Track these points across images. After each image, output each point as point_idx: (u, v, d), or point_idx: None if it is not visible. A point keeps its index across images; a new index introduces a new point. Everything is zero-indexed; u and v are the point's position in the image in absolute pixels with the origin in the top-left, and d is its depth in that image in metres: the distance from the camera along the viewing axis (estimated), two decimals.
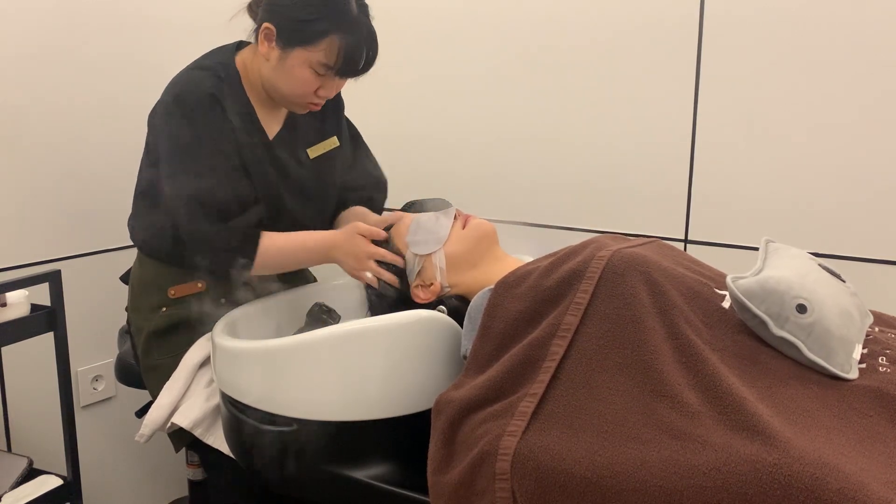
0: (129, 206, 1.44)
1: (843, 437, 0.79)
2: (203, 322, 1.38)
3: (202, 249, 1.28)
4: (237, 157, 1.29)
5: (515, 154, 1.78)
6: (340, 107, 1.51)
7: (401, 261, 1.27)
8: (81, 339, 1.66)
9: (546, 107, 1.72)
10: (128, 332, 1.48)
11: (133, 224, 1.43)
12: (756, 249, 1.05)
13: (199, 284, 1.39)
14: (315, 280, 1.62)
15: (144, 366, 1.41)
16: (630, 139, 1.63)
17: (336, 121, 1.49)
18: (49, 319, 1.34)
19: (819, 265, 1.02)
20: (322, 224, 1.47)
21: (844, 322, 0.91)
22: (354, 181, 1.52)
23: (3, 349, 1.49)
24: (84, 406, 1.73)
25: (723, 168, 1.53)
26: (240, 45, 1.38)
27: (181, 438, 1.37)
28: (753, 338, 0.92)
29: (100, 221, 1.70)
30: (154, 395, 1.39)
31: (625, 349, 0.88)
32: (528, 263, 1.09)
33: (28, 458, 1.40)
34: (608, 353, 0.89)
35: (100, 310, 1.70)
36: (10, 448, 1.57)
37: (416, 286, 1.26)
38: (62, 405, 1.36)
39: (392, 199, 1.59)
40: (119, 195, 1.54)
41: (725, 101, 1.52)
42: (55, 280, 1.34)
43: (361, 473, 1.09)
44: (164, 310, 1.39)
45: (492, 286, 1.06)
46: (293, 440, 1.12)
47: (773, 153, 1.48)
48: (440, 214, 1.30)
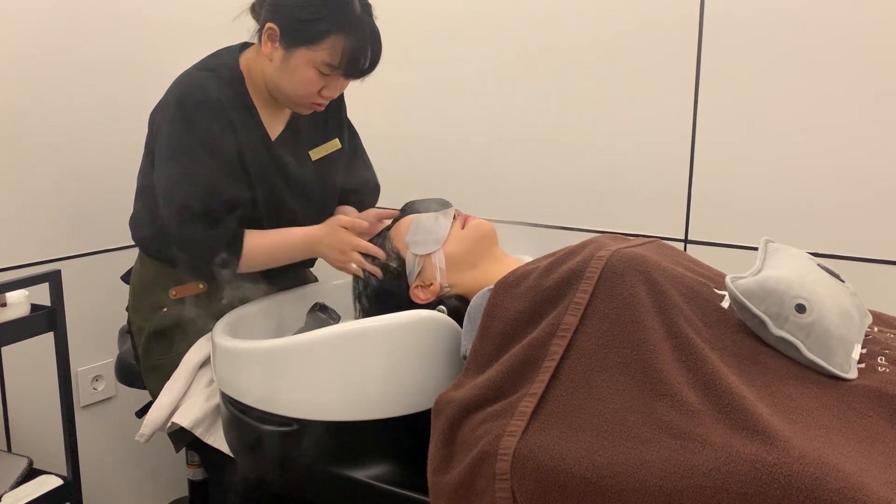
0: (130, 206, 1.44)
1: (843, 437, 0.79)
2: (203, 322, 1.39)
3: (187, 252, 1.28)
4: (237, 160, 1.30)
5: (515, 154, 1.78)
6: (342, 109, 1.51)
7: (382, 253, 1.28)
8: (81, 339, 1.67)
9: (546, 107, 1.72)
10: (128, 332, 1.48)
11: (134, 224, 1.44)
12: (756, 249, 1.05)
13: (201, 285, 1.39)
14: (315, 280, 1.63)
15: (145, 366, 1.42)
16: (630, 139, 1.63)
17: (338, 123, 1.49)
18: (49, 319, 1.34)
19: (818, 265, 1.02)
20: None
21: (844, 322, 0.91)
22: (349, 184, 1.52)
23: (3, 349, 1.49)
24: (84, 406, 1.73)
25: (723, 168, 1.53)
26: (244, 46, 1.38)
27: (181, 438, 1.37)
28: (753, 337, 0.92)
29: (100, 221, 1.70)
30: (154, 395, 1.39)
31: (624, 348, 0.88)
32: (528, 263, 1.09)
33: (28, 458, 1.40)
34: (608, 353, 0.89)
35: (100, 310, 1.70)
36: (10, 448, 1.57)
37: (416, 286, 1.26)
38: (62, 405, 1.36)
39: (392, 199, 1.59)
40: (119, 195, 1.54)
41: (725, 101, 1.51)
42: (55, 280, 1.34)
43: (361, 473, 1.09)
44: (165, 310, 1.39)
45: (491, 286, 1.06)
46: (293, 440, 1.12)
47: (773, 153, 1.48)
48: (439, 214, 1.30)
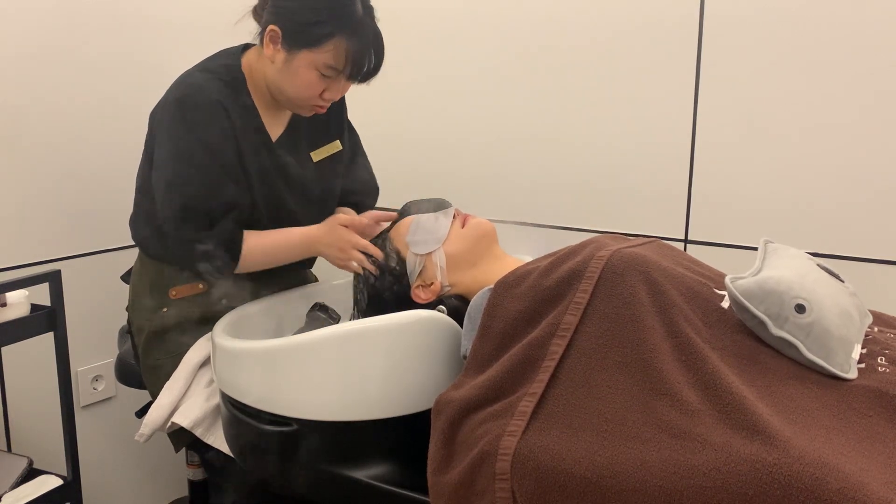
0: (130, 206, 1.44)
1: (843, 437, 0.79)
2: (203, 322, 1.39)
3: (186, 253, 1.28)
4: (237, 162, 1.30)
5: (515, 154, 1.78)
6: (344, 110, 1.51)
7: (380, 253, 1.29)
8: (81, 339, 1.67)
9: (546, 107, 1.72)
10: (128, 332, 1.48)
11: (134, 224, 1.44)
12: (756, 249, 1.05)
13: (200, 285, 1.39)
14: (315, 280, 1.63)
15: (144, 366, 1.42)
16: (630, 139, 1.63)
17: (339, 124, 1.49)
18: (49, 319, 1.34)
19: (818, 265, 1.02)
20: None
21: (843, 322, 0.91)
22: (348, 186, 1.52)
23: (3, 349, 1.49)
24: (84, 406, 1.73)
25: (723, 168, 1.53)
26: (245, 48, 1.38)
27: (181, 438, 1.37)
28: (753, 338, 0.91)
29: (100, 221, 1.70)
30: (154, 395, 1.39)
31: (624, 348, 0.88)
32: (528, 263, 1.09)
33: (28, 458, 1.40)
34: (608, 353, 0.89)
35: (100, 310, 1.70)
36: (10, 448, 1.57)
37: (417, 286, 1.26)
38: (62, 405, 1.36)
39: (392, 199, 1.59)
40: (119, 195, 1.54)
41: (725, 101, 1.51)
42: (55, 280, 1.34)
43: (361, 473, 1.09)
44: (165, 310, 1.39)
45: (491, 286, 1.06)
46: (293, 440, 1.12)
47: (773, 153, 1.48)
48: (439, 214, 1.30)
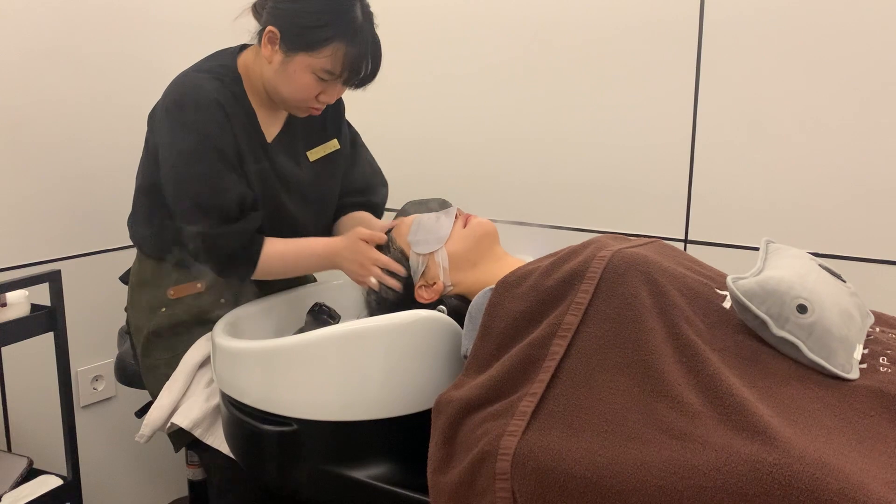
0: (129, 206, 1.44)
1: (844, 438, 0.79)
2: (203, 322, 1.39)
3: (206, 252, 1.28)
4: (238, 160, 1.29)
5: (516, 154, 1.78)
6: (341, 109, 1.51)
7: (403, 269, 1.27)
8: (81, 339, 1.66)
9: (546, 107, 1.72)
10: (127, 333, 1.48)
11: (132, 223, 1.43)
12: (756, 249, 1.05)
13: (199, 285, 1.39)
14: (315, 280, 1.62)
15: (144, 366, 1.41)
16: (630, 139, 1.63)
17: (337, 123, 1.49)
18: (49, 319, 1.34)
19: (819, 265, 1.02)
20: (322, 227, 1.47)
21: (845, 322, 0.91)
22: (354, 183, 1.51)
23: (3, 349, 1.49)
24: (84, 406, 1.73)
25: (723, 168, 1.53)
26: (242, 48, 1.38)
27: (181, 438, 1.37)
28: (754, 338, 0.91)
29: (100, 221, 1.70)
30: (154, 395, 1.39)
31: (625, 349, 0.88)
32: (529, 263, 1.09)
33: (28, 458, 1.40)
34: (608, 353, 0.89)
35: (100, 310, 1.70)
36: (10, 448, 1.57)
37: (420, 286, 1.26)
38: (62, 405, 1.36)
39: (392, 200, 1.59)
40: (119, 195, 1.54)
41: (725, 101, 1.51)
42: (55, 280, 1.34)
43: (361, 473, 1.09)
44: (164, 310, 1.39)
45: (492, 286, 1.06)
46: (293, 440, 1.12)
47: (773, 153, 1.48)
48: (441, 214, 1.30)
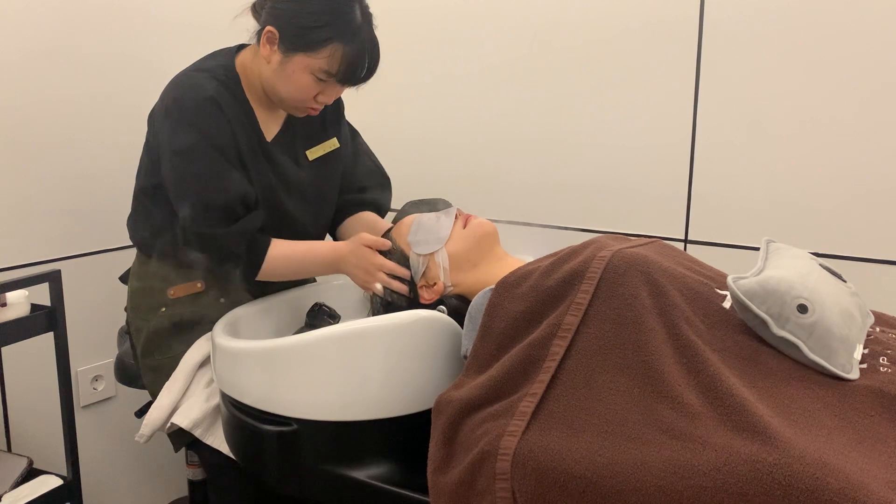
0: (129, 206, 1.44)
1: (844, 438, 0.79)
2: (203, 322, 1.38)
3: (210, 251, 1.28)
4: (237, 159, 1.29)
5: (516, 154, 1.78)
6: (341, 108, 1.51)
7: (408, 273, 1.27)
8: (81, 339, 1.66)
9: (546, 107, 1.72)
10: (127, 333, 1.48)
11: (132, 223, 1.43)
12: (756, 249, 1.05)
13: (199, 284, 1.39)
14: (315, 280, 1.62)
15: (144, 366, 1.41)
16: (630, 139, 1.63)
17: (336, 122, 1.49)
18: (49, 319, 1.34)
19: (820, 265, 1.02)
20: (321, 226, 1.47)
21: (845, 322, 0.91)
22: (355, 182, 1.51)
23: (3, 349, 1.49)
24: (84, 406, 1.73)
25: (723, 168, 1.53)
26: (240, 48, 1.38)
27: (181, 438, 1.37)
28: (754, 338, 0.91)
29: (100, 221, 1.70)
30: (154, 395, 1.39)
31: (625, 349, 0.88)
32: (529, 263, 1.09)
33: (28, 458, 1.40)
34: (609, 354, 0.89)
35: (100, 310, 1.70)
36: (10, 448, 1.57)
37: (421, 286, 1.26)
38: (62, 405, 1.36)
39: (393, 200, 1.59)
40: (119, 195, 1.54)
41: (725, 101, 1.51)
42: (55, 280, 1.34)
43: (361, 473, 1.09)
44: (164, 310, 1.38)
45: (492, 286, 1.06)
46: (293, 440, 1.12)
47: (773, 153, 1.48)
48: (441, 214, 1.30)
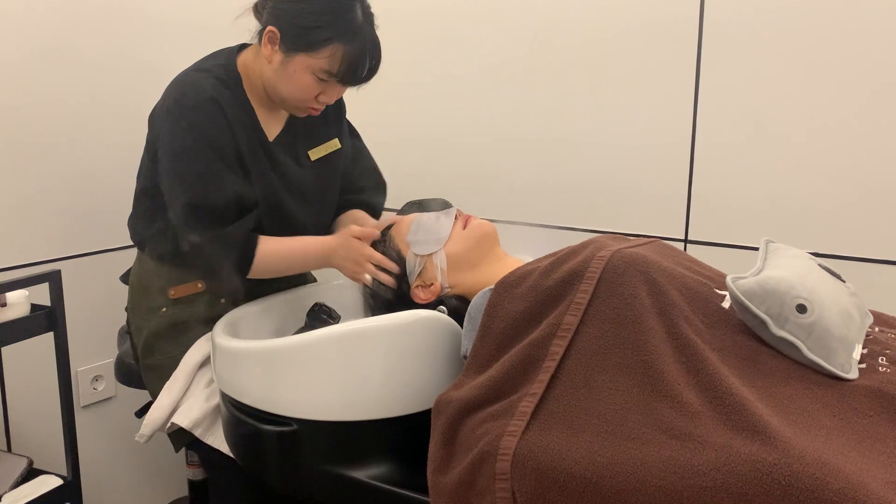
0: (130, 206, 1.44)
1: (843, 437, 0.79)
2: (203, 322, 1.39)
3: (200, 254, 1.28)
4: (237, 160, 1.29)
5: (516, 154, 1.78)
6: (342, 109, 1.51)
7: (396, 267, 1.27)
8: (81, 339, 1.66)
9: (546, 107, 1.72)
10: (128, 333, 1.48)
11: (133, 224, 1.43)
12: (756, 249, 1.05)
13: (199, 285, 1.39)
14: (315, 280, 1.62)
15: (144, 366, 1.41)
16: (630, 139, 1.63)
17: (338, 123, 1.49)
18: (49, 319, 1.34)
19: (819, 265, 1.02)
20: (322, 226, 1.47)
21: (844, 322, 0.91)
22: (354, 183, 1.52)
23: (3, 349, 1.49)
24: (84, 406, 1.73)
25: (723, 168, 1.53)
26: (242, 48, 1.38)
27: (181, 438, 1.37)
28: (753, 338, 0.91)
29: (100, 221, 1.70)
30: (154, 395, 1.39)
31: (625, 349, 0.88)
32: (529, 263, 1.09)
33: (28, 458, 1.40)
34: (608, 353, 0.89)
35: (100, 310, 1.70)
36: (10, 448, 1.57)
37: (417, 286, 1.26)
38: (62, 405, 1.36)
39: (392, 200, 1.59)
40: (119, 195, 1.54)
41: (725, 101, 1.52)
42: (55, 280, 1.34)
43: (361, 473, 1.09)
44: (164, 310, 1.39)
45: (492, 286, 1.06)
46: (293, 440, 1.12)
47: (773, 153, 1.48)
48: (441, 214, 1.30)
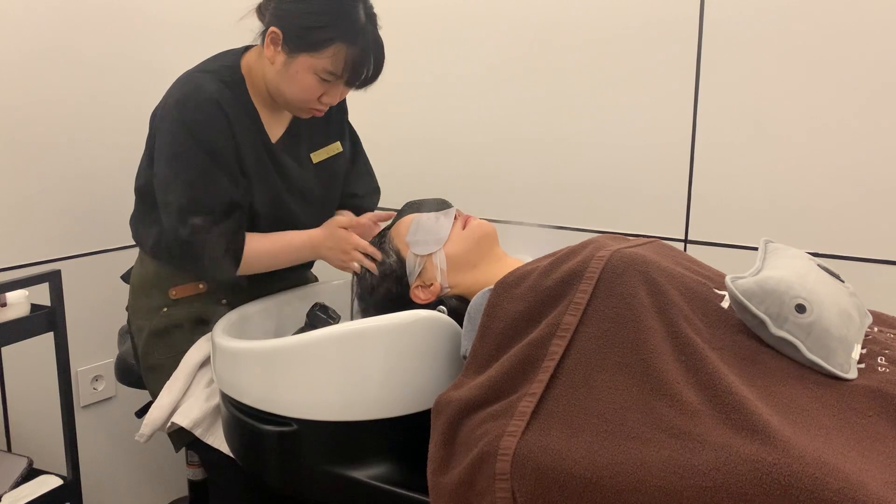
0: (130, 206, 1.44)
1: (843, 437, 0.79)
2: (203, 322, 1.39)
3: (188, 253, 1.28)
4: (236, 163, 1.29)
5: (516, 154, 1.78)
6: (345, 112, 1.51)
7: (379, 254, 1.30)
8: (81, 339, 1.67)
9: (546, 107, 1.73)
10: (128, 332, 1.48)
11: (135, 223, 1.43)
12: (756, 249, 1.05)
13: (201, 285, 1.39)
14: (315, 280, 1.63)
15: (145, 366, 1.42)
16: (630, 139, 1.63)
17: (340, 126, 1.49)
18: (49, 319, 1.34)
19: (818, 265, 1.02)
20: None
21: (843, 322, 0.91)
22: (350, 187, 1.52)
23: (3, 349, 1.49)
24: (84, 406, 1.73)
25: (723, 168, 1.53)
26: (247, 49, 1.38)
27: (181, 438, 1.37)
28: (753, 338, 0.92)
29: (100, 221, 1.70)
30: (154, 395, 1.39)
31: (624, 348, 0.88)
32: (528, 263, 1.09)
33: (28, 458, 1.40)
34: (607, 353, 0.89)
35: (100, 310, 1.70)
36: (10, 448, 1.57)
37: (417, 286, 1.26)
38: (62, 405, 1.36)
39: (393, 199, 1.59)
40: (119, 195, 1.54)
41: (725, 101, 1.52)
42: (55, 280, 1.34)
43: (361, 473, 1.09)
44: (165, 310, 1.39)
45: (491, 286, 1.06)
46: (293, 440, 1.12)
47: (773, 153, 1.48)
48: (440, 215, 1.30)
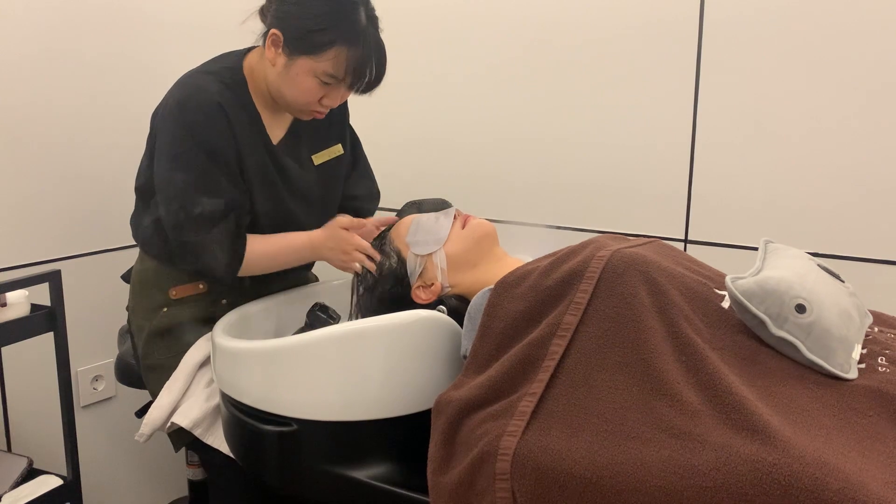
0: (130, 206, 1.44)
1: (843, 437, 0.79)
2: (203, 322, 1.39)
3: (189, 254, 1.28)
4: (237, 164, 1.29)
5: (516, 154, 1.78)
6: (346, 114, 1.51)
7: (378, 255, 1.31)
8: (81, 339, 1.67)
9: (546, 107, 1.73)
10: (128, 332, 1.48)
11: (135, 223, 1.43)
12: (756, 249, 1.05)
13: (201, 285, 1.39)
14: (315, 280, 1.63)
15: (144, 366, 1.42)
16: (630, 139, 1.63)
17: (341, 128, 1.49)
18: (49, 319, 1.34)
19: (818, 265, 1.02)
20: None
21: (844, 322, 0.91)
22: (351, 189, 1.52)
23: (3, 349, 1.49)
24: (84, 406, 1.73)
25: (723, 168, 1.53)
26: (249, 50, 1.38)
27: (181, 438, 1.37)
28: (753, 338, 0.92)
29: (100, 221, 1.70)
30: (154, 395, 1.39)
31: (624, 348, 0.88)
32: (528, 263, 1.09)
33: (28, 458, 1.40)
34: (608, 353, 0.89)
35: (100, 310, 1.70)
36: (10, 448, 1.57)
37: (418, 286, 1.26)
38: (62, 405, 1.36)
39: (392, 200, 1.59)
40: (119, 195, 1.54)
41: (725, 101, 1.52)
42: (55, 280, 1.34)
43: (361, 473, 1.09)
44: (165, 310, 1.39)
45: (492, 286, 1.06)
46: (293, 440, 1.12)
47: (773, 153, 1.48)
48: (440, 215, 1.30)
